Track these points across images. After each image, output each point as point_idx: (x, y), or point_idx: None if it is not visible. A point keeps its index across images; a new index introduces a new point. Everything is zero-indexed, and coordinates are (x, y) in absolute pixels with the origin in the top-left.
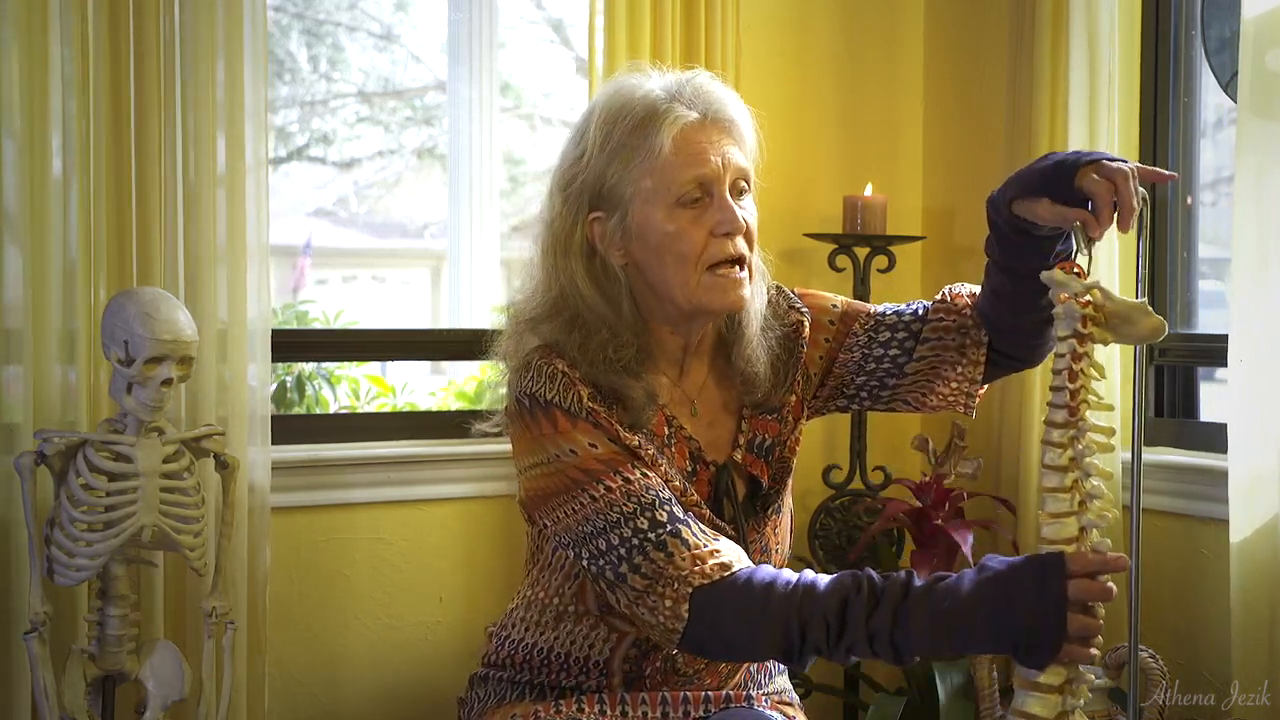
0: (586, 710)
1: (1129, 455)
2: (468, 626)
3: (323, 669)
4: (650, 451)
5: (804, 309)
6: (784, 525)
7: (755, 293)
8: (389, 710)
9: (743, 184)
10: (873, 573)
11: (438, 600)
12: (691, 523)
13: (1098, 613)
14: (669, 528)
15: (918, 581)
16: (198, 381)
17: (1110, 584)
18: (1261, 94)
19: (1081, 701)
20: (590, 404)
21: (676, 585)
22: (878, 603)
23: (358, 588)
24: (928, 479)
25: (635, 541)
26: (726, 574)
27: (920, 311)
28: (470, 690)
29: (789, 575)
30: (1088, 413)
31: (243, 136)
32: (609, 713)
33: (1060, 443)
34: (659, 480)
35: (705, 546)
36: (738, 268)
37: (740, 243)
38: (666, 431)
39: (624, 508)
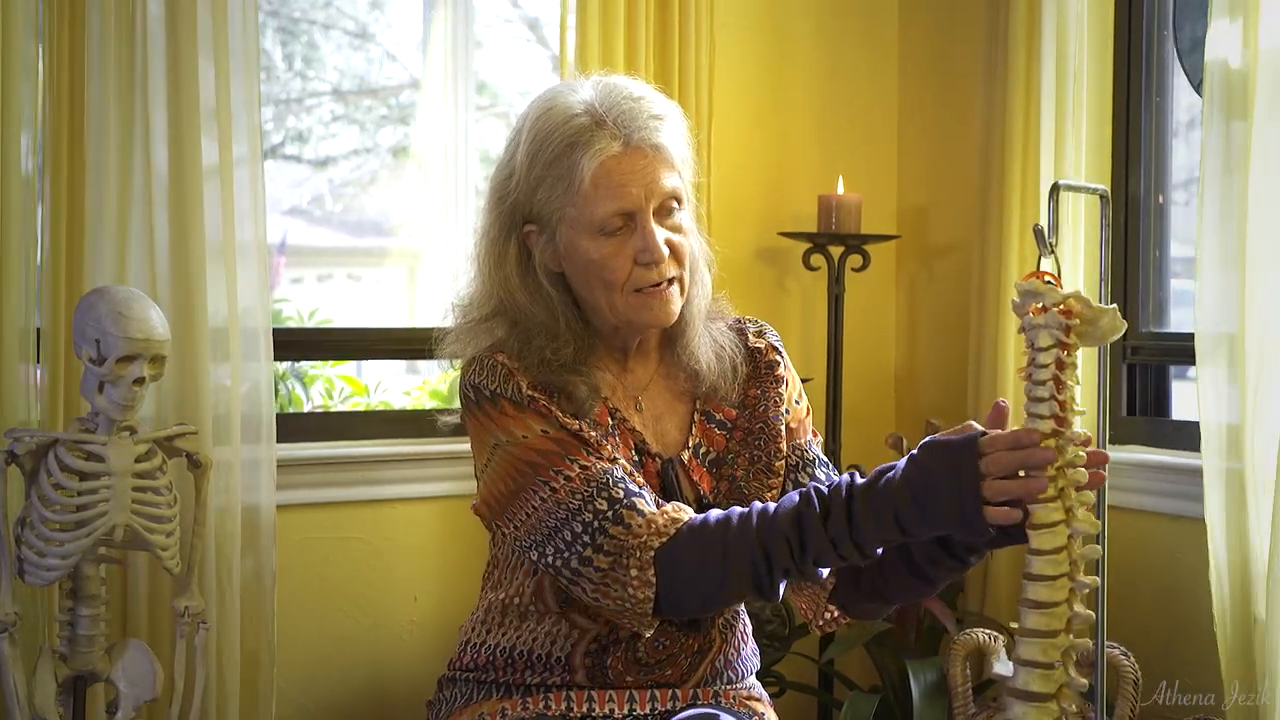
0: (554, 706)
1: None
2: (442, 625)
3: (297, 669)
4: (594, 435)
5: (781, 360)
6: None
7: (692, 296)
8: (364, 710)
9: (671, 204)
10: (817, 484)
11: (412, 599)
12: (646, 493)
13: (1027, 475)
14: (625, 501)
15: (859, 480)
16: (187, 381)
17: (1029, 449)
18: (1224, 94)
19: (1074, 707)
20: (530, 393)
21: (639, 553)
22: (829, 511)
23: (332, 587)
24: None
25: (596, 524)
26: (679, 525)
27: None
28: (439, 692)
29: (738, 509)
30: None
31: (230, 131)
32: (575, 709)
33: None
34: (609, 458)
35: (656, 508)
36: (666, 285)
37: (666, 267)
38: (610, 422)
39: (583, 492)
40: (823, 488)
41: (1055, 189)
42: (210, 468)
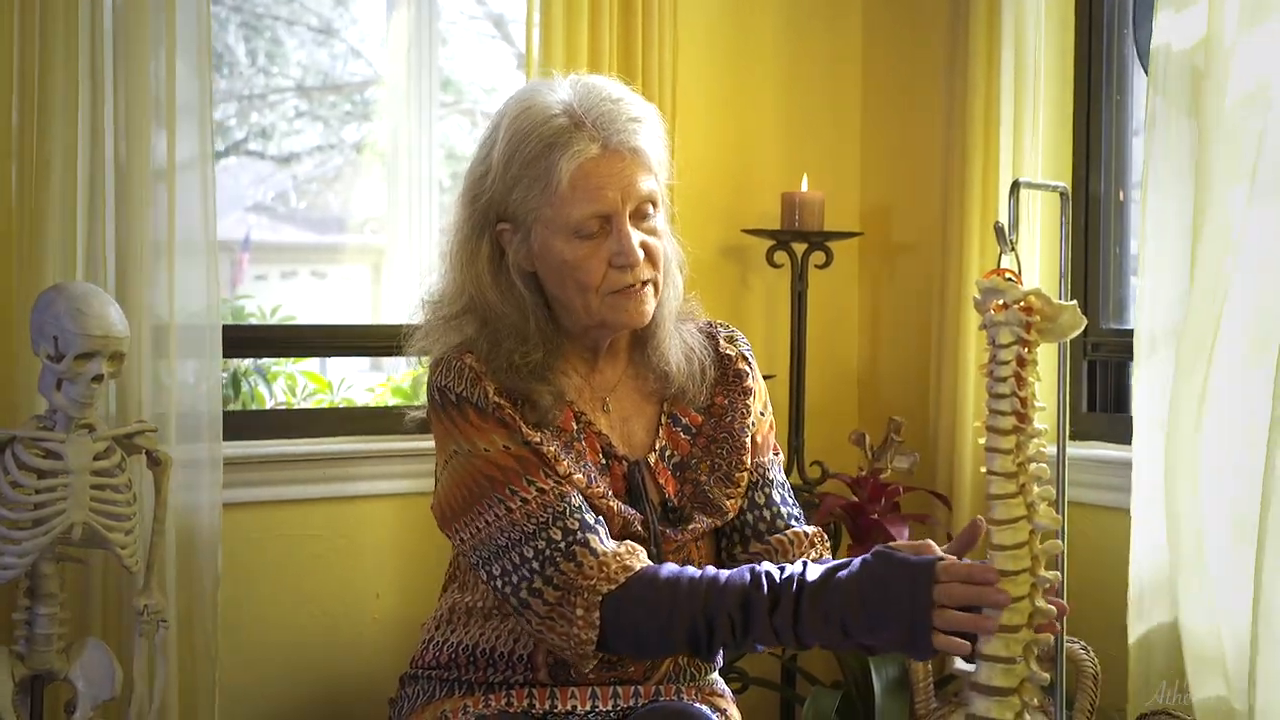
0: (515, 704)
1: (1054, 450)
2: (405, 623)
3: (257, 668)
4: (553, 449)
5: (750, 370)
6: (707, 549)
7: (664, 298)
8: (325, 708)
9: (647, 207)
10: (770, 568)
11: (374, 597)
12: (600, 529)
13: (981, 612)
14: (579, 536)
15: (811, 575)
16: (141, 379)
17: (984, 587)
18: (1173, 92)
19: (1035, 701)
20: (496, 399)
21: (586, 594)
22: (778, 600)
23: (294, 585)
24: (864, 474)
25: (548, 553)
26: (631, 575)
27: (762, 527)
28: (400, 689)
29: (692, 572)
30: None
31: (175, 129)
32: (538, 706)
33: (1008, 449)
34: (571, 486)
35: (611, 550)
36: (640, 287)
37: (640, 270)
38: (575, 427)
39: (539, 517)
40: (775, 573)
41: (1015, 186)
42: (170, 465)
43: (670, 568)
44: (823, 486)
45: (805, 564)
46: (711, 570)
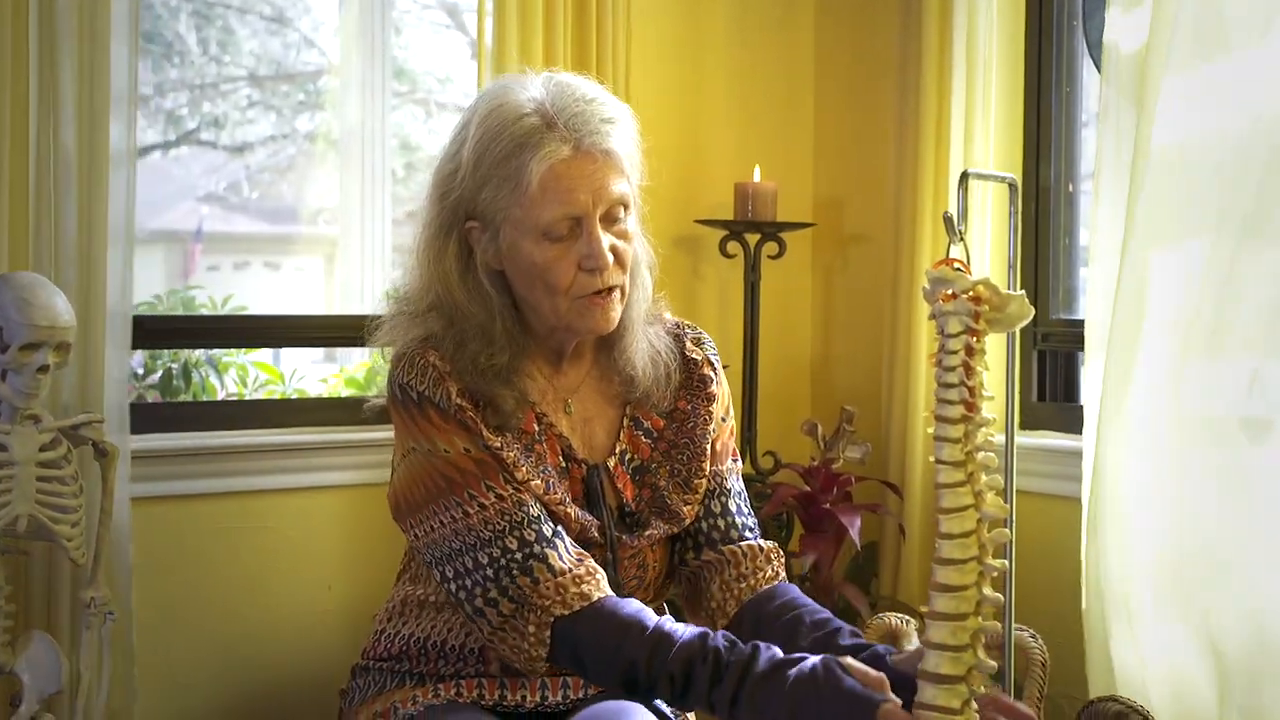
0: (465, 694)
1: (1003, 439)
2: (356, 614)
3: (210, 661)
4: (512, 454)
5: (715, 376)
6: (663, 555)
7: (632, 300)
8: (276, 699)
9: (618, 210)
10: (722, 642)
11: (326, 588)
12: (559, 543)
13: None
14: (536, 550)
15: (761, 663)
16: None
17: None
18: (1121, 84)
19: (983, 689)
20: (458, 400)
21: (540, 613)
22: (720, 679)
23: (246, 577)
24: (816, 463)
25: (503, 562)
26: (587, 605)
27: (715, 536)
28: (351, 680)
29: (648, 619)
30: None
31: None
32: (488, 697)
33: (956, 438)
34: (530, 495)
35: (570, 572)
36: (608, 293)
37: (610, 274)
38: (536, 429)
39: (496, 525)
40: (725, 650)
41: (964, 177)
42: (117, 456)
43: (629, 608)
44: (775, 476)
45: (758, 649)
46: (669, 624)
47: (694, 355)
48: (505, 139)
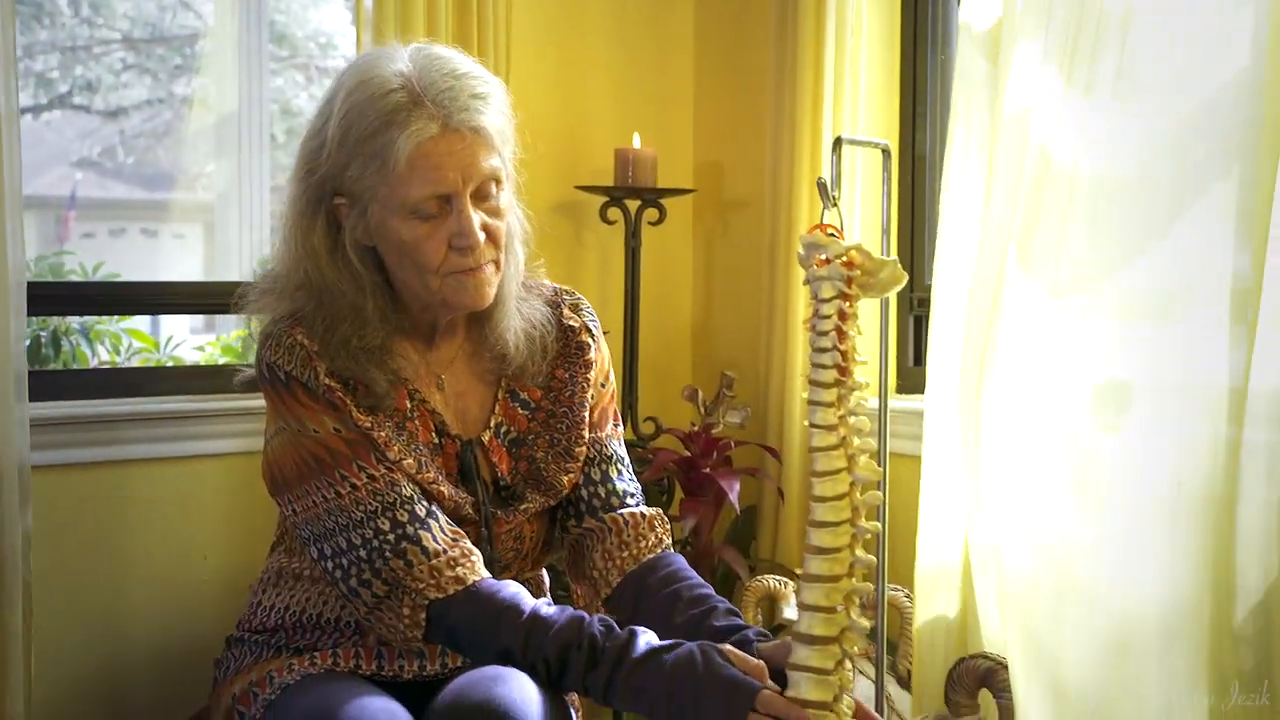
0: (342, 663)
1: (877, 403)
2: (232, 584)
3: (80, 631)
4: (384, 434)
5: (593, 342)
6: (540, 526)
7: (506, 276)
8: (153, 671)
9: (490, 186)
10: (598, 627)
11: (202, 558)
12: (433, 523)
13: None
14: (409, 531)
15: (637, 649)
16: None
17: None
18: (967, 55)
19: (856, 649)
20: (327, 380)
21: (414, 596)
22: (596, 664)
23: (121, 548)
24: (697, 429)
25: (375, 543)
26: (461, 589)
27: (596, 504)
28: (226, 651)
29: (524, 603)
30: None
31: None
32: (365, 666)
33: (829, 402)
34: (402, 474)
35: (444, 554)
36: (480, 268)
37: (481, 252)
38: (408, 406)
39: (367, 505)
40: (600, 634)
41: (838, 143)
42: None
43: (505, 591)
44: (656, 442)
45: (635, 634)
46: (545, 609)
47: (571, 322)
48: (371, 115)
